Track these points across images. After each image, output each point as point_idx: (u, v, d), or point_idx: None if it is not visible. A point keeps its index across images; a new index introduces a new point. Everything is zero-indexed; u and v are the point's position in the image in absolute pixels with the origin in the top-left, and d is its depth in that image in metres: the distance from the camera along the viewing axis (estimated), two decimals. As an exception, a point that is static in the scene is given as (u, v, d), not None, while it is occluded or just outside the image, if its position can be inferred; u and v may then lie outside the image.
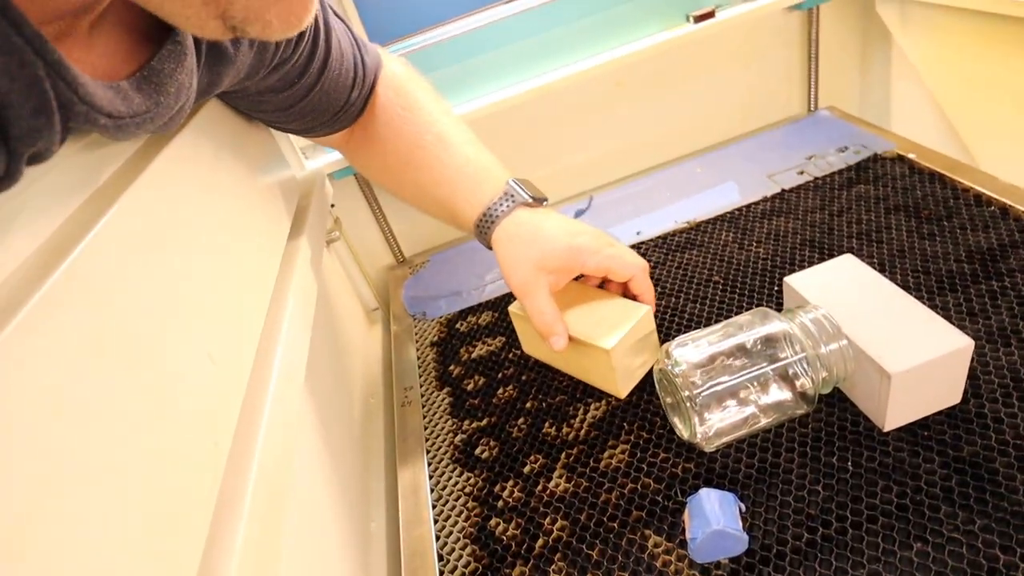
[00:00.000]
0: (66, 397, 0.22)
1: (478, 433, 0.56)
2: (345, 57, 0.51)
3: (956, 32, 0.72)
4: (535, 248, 0.52)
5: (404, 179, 0.58)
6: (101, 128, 0.27)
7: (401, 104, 0.56)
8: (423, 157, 0.55)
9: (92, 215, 0.27)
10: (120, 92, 0.28)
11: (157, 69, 0.31)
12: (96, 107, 0.26)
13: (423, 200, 0.58)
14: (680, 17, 0.84)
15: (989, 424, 0.42)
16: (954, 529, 0.38)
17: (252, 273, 0.43)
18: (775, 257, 0.64)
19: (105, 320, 0.25)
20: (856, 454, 0.44)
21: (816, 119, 0.88)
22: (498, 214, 0.53)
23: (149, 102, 0.30)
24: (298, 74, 0.47)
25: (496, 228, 0.53)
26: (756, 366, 0.44)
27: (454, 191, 0.55)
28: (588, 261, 0.52)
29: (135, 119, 0.29)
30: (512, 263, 0.53)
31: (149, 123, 0.31)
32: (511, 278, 0.53)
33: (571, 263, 0.53)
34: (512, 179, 0.55)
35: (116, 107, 0.27)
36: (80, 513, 0.21)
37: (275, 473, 0.35)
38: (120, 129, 0.28)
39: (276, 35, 0.28)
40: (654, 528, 0.44)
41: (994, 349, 0.47)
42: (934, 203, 0.63)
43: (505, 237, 0.53)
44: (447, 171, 0.55)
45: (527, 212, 0.54)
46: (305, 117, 0.52)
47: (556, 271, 0.53)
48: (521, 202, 0.54)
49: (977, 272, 0.54)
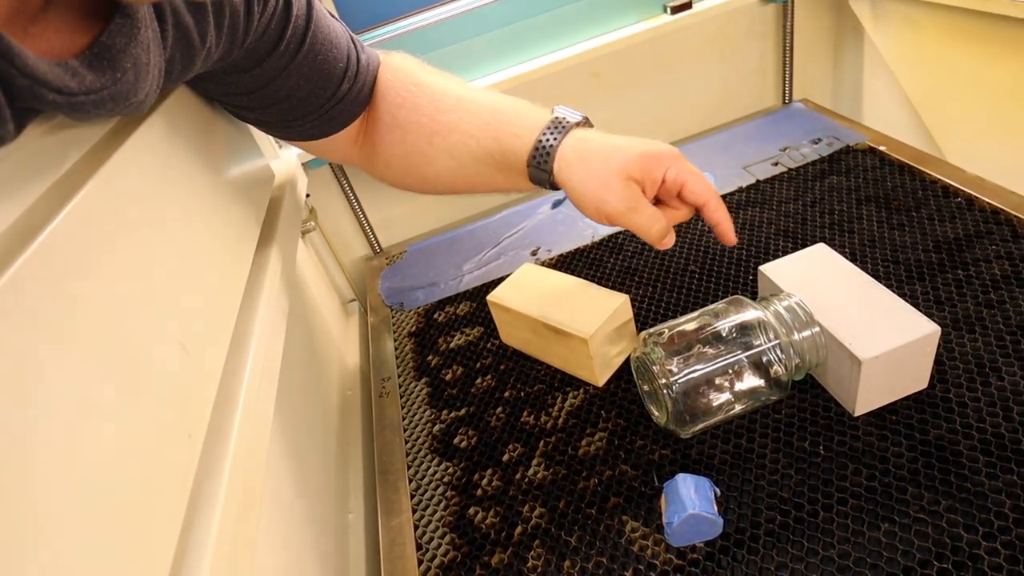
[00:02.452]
0: (31, 388, 0.21)
1: (456, 423, 0.56)
2: (336, 45, 0.49)
3: (926, 27, 0.74)
4: (615, 160, 0.46)
5: (431, 155, 0.54)
6: (52, 105, 0.26)
7: (411, 82, 0.53)
8: (450, 119, 0.52)
9: (58, 201, 0.27)
10: (69, 69, 0.27)
11: (108, 45, 0.30)
12: (41, 81, 0.25)
13: (459, 168, 0.54)
14: (657, 8, 0.84)
15: (954, 408, 0.44)
16: (920, 510, 0.39)
17: (225, 263, 0.42)
18: (750, 247, 0.64)
19: (71, 309, 0.24)
20: (827, 439, 0.45)
21: (790, 111, 0.89)
22: (553, 141, 0.48)
23: (104, 79, 0.29)
24: (267, 50, 0.45)
25: (556, 157, 0.48)
26: (731, 353, 0.44)
27: (496, 134, 0.50)
28: (670, 167, 0.47)
29: (91, 96, 0.28)
30: (595, 185, 0.47)
31: (110, 102, 0.30)
32: (603, 201, 0.46)
33: (653, 169, 0.46)
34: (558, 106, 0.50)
35: (65, 83, 0.26)
36: (48, 508, 0.20)
37: (250, 466, 0.34)
38: (76, 108, 0.28)
39: None
40: (631, 514, 0.44)
41: (959, 336, 0.48)
42: (904, 194, 0.65)
43: (577, 160, 0.47)
44: (480, 119, 0.51)
45: (584, 131, 0.49)
46: (281, 104, 0.50)
47: (640, 179, 0.47)
48: (575, 122, 0.49)
49: (944, 261, 0.55)
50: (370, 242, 0.90)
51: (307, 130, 0.54)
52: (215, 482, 0.32)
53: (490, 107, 0.51)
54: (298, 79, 0.48)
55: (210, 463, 0.32)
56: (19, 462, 0.20)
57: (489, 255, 0.78)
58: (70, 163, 0.30)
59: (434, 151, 0.54)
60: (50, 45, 0.28)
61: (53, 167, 0.29)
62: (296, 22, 0.46)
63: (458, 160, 0.53)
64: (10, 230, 0.24)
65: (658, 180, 0.47)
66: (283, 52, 0.46)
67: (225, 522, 0.30)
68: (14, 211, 0.25)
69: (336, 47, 0.49)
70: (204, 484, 0.31)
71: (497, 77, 0.80)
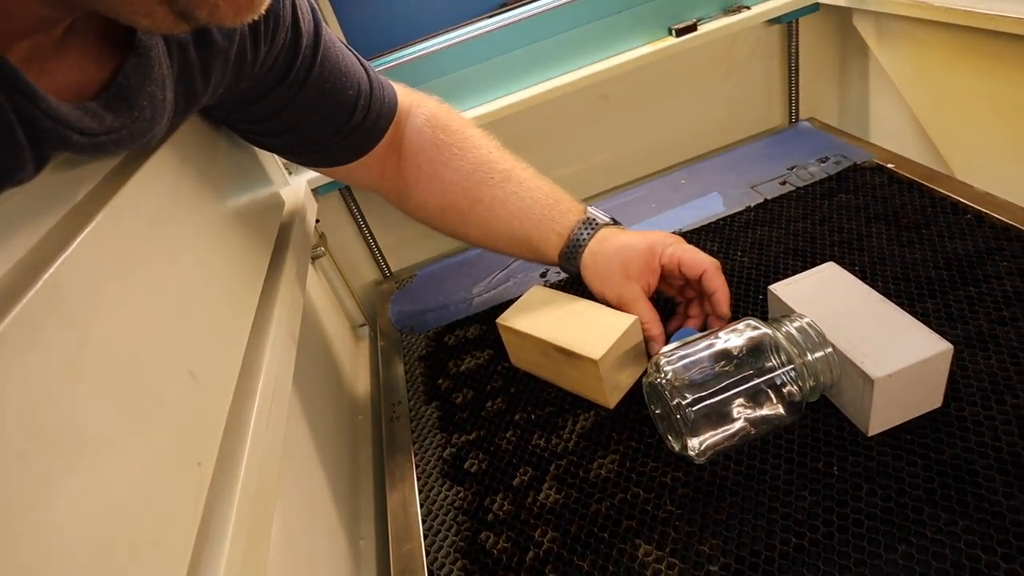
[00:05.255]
0: (43, 418, 0.22)
1: (467, 446, 0.56)
2: (346, 74, 0.50)
3: (930, 45, 0.74)
4: (618, 259, 0.54)
5: (470, 217, 0.59)
6: (77, 147, 0.27)
7: (456, 144, 0.57)
8: (495, 194, 0.57)
9: (69, 233, 0.27)
10: (89, 111, 0.28)
11: (124, 85, 0.31)
12: (64, 123, 0.26)
13: (495, 236, 0.59)
14: (663, 30, 0.85)
15: (969, 427, 0.43)
16: (937, 531, 0.38)
17: (235, 291, 0.43)
18: (759, 266, 0.64)
19: (82, 339, 0.25)
20: (841, 459, 0.44)
21: (797, 130, 0.89)
22: (583, 239, 0.56)
23: (123, 119, 0.30)
24: (277, 79, 0.46)
25: (584, 253, 0.56)
26: (744, 377, 0.44)
27: (537, 224, 0.57)
28: (663, 253, 0.54)
29: (111, 136, 0.29)
30: (603, 280, 0.55)
31: (129, 140, 0.31)
32: (606, 295, 0.56)
33: (650, 260, 0.54)
34: (589, 206, 0.58)
35: (87, 124, 0.27)
36: (61, 538, 0.21)
37: (260, 493, 0.35)
38: (98, 148, 0.28)
39: (228, 20, 0.26)
40: (644, 537, 0.44)
41: (972, 353, 0.48)
42: (912, 212, 0.64)
43: (591, 258, 0.56)
44: (524, 205, 0.57)
45: (610, 230, 0.56)
46: (293, 131, 0.51)
47: (640, 274, 0.54)
48: (603, 224, 0.57)
49: (955, 278, 0.55)
50: (380, 267, 0.91)
51: (322, 157, 0.55)
52: (226, 510, 0.32)
53: (534, 196, 0.57)
54: (308, 107, 0.49)
55: (220, 491, 0.33)
56: (32, 492, 0.20)
57: (498, 278, 0.79)
58: (81, 195, 0.30)
59: (474, 216, 0.59)
60: (66, 82, 0.29)
61: (64, 199, 0.29)
62: (304, 52, 0.47)
63: (495, 232, 0.59)
64: (22, 262, 0.25)
65: (657, 268, 0.55)
66: (292, 82, 0.47)
67: (235, 550, 0.30)
68: (26, 243, 0.26)
69: (346, 76, 0.50)
70: (214, 511, 0.32)
71: (507, 100, 0.82)
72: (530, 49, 0.82)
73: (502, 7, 0.83)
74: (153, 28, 0.26)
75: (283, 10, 0.44)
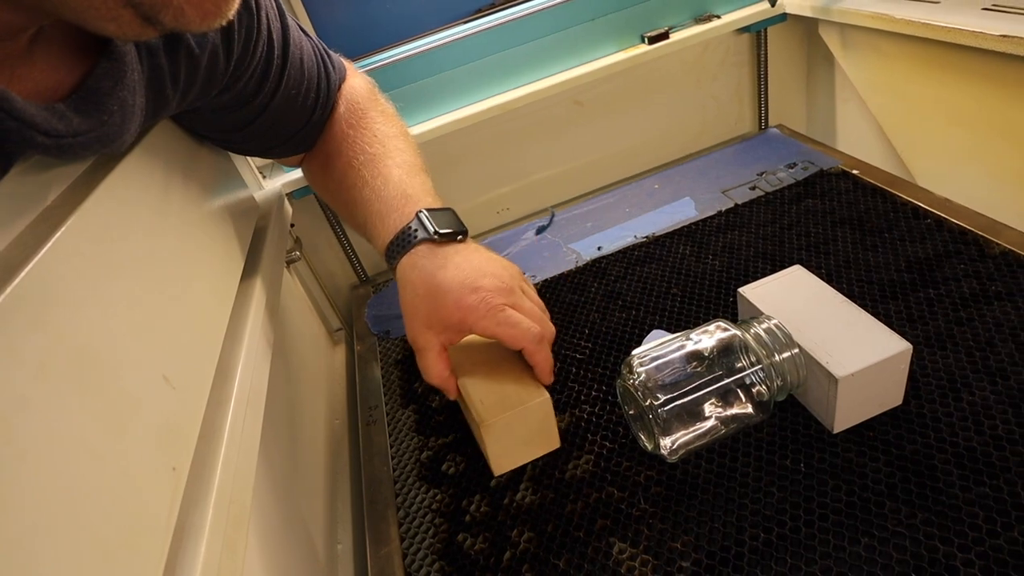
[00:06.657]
0: (13, 423, 0.21)
1: (444, 449, 0.56)
2: (308, 79, 0.51)
3: (893, 55, 0.77)
4: (425, 304, 0.48)
5: (339, 199, 0.56)
6: (41, 148, 0.27)
7: (348, 120, 0.54)
8: (352, 177, 0.53)
9: (40, 236, 0.27)
10: (56, 112, 0.28)
11: (94, 88, 0.30)
12: (29, 123, 0.25)
13: (352, 223, 0.56)
14: (636, 38, 0.87)
15: (928, 424, 0.45)
16: (898, 524, 0.40)
17: (209, 294, 0.43)
18: (730, 269, 0.66)
19: (53, 343, 0.25)
20: (808, 456, 0.45)
21: (766, 137, 0.91)
22: (400, 247, 0.49)
23: (91, 121, 0.30)
24: (252, 93, 0.47)
25: (398, 264, 0.49)
26: (715, 377, 0.45)
27: (368, 215, 0.52)
28: (476, 325, 0.47)
29: (78, 139, 0.29)
30: (405, 313, 0.50)
31: (96, 143, 0.30)
32: (405, 328, 0.50)
33: (460, 325, 0.47)
34: (426, 209, 0.49)
35: (53, 126, 0.27)
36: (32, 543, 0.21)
37: (235, 498, 0.35)
38: (64, 150, 0.28)
39: (194, 25, 0.26)
40: (619, 535, 0.44)
41: (932, 353, 0.50)
42: (876, 216, 0.67)
43: (403, 280, 0.49)
44: (365, 192, 0.51)
45: (429, 250, 0.48)
46: (261, 137, 0.52)
47: (444, 331, 0.48)
48: (424, 238, 0.48)
49: (915, 280, 0.57)
50: (356, 271, 0.91)
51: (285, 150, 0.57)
52: (200, 515, 0.32)
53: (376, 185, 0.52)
54: (275, 116, 0.50)
55: (195, 496, 0.32)
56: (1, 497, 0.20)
57: (474, 281, 0.79)
58: (51, 198, 0.30)
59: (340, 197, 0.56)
60: (36, 86, 0.29)
61: (34, 202, 0.29)
62: (276, 62, 0.47)
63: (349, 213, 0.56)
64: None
65: (465, 334, 0.49)
66: (266, 92, 0.48)
67: (211, 555, 0.30)
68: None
69: (308, 78, 0.51)
70: (189, 517, 0.31)
71: (480, 106, 0.82)
72: (504, 55, 0.83)
73: (476, 13, 0.84)
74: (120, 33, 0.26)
75: (259, 24, 0.44)
